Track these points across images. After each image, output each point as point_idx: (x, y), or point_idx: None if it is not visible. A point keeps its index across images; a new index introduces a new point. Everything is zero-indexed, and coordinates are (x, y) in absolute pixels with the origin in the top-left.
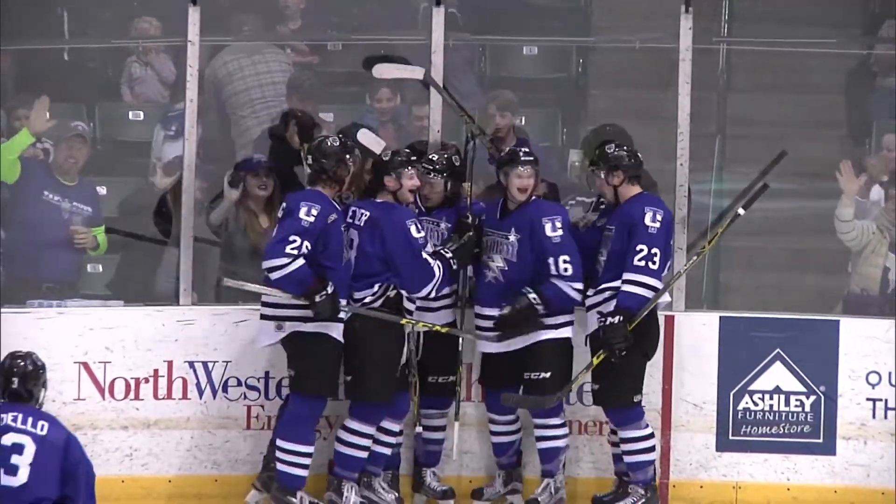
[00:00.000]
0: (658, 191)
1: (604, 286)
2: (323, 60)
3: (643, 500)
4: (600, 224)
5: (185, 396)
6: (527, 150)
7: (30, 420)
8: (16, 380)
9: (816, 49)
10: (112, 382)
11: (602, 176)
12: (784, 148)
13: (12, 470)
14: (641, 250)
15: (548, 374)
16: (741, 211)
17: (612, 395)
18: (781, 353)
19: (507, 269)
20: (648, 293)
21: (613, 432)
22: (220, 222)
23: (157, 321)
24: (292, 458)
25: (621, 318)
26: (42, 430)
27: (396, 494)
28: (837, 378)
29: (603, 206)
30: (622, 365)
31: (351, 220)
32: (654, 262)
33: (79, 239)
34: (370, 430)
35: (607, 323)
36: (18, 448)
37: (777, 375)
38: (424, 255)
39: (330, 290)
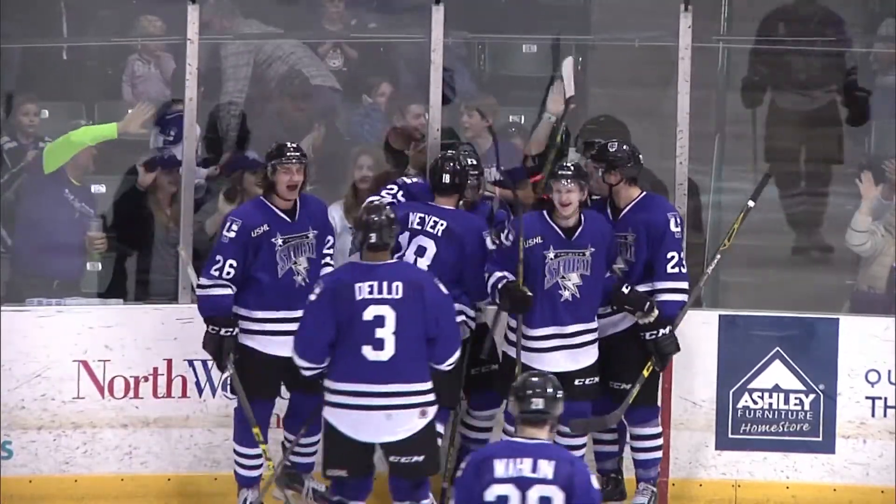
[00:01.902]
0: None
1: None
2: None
3: (654, 497)
4: None
5: (184, 395)
6: (569, 165)
7: (384, 286)
8: (373, 235)
9: (815, 48)
10: (111, 381)
11: (600, 173)
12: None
13: (379, 344)
14: (672, 257)
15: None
16: (751, 203)
17: (640, 394)
18: (781, 351)
19: (582, 284)
20: (685, 297)
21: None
22: (214, 232)
23: (157, 319)
24: (239, 459)
25: (670, 329)
26: (397, 292)
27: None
28: (837, 376)
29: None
30: None
31: (419, 227)
32: (683, 267)
33: (97, 245)
34: None
35: (659, 335)
36: (380, 320)
37: (776, 374)
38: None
39: (222, 332)
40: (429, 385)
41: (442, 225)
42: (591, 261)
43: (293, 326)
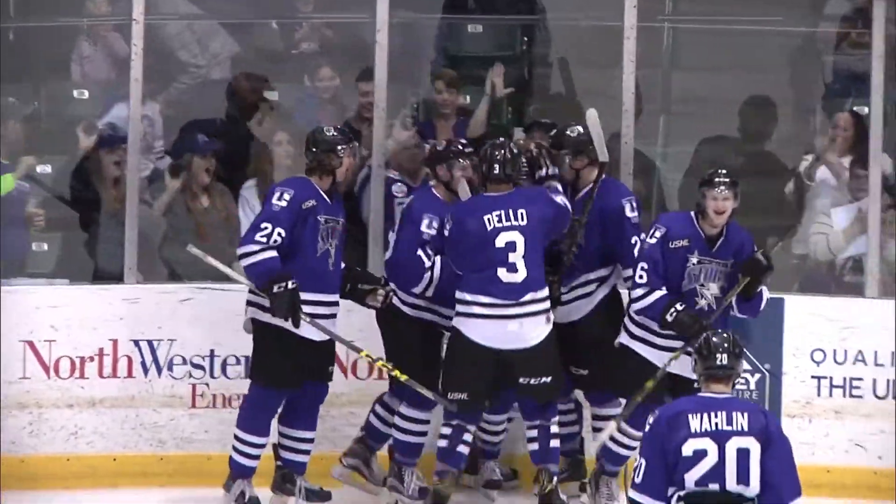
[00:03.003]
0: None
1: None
2: (267, 38)
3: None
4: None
5: (130, 375)
6: (724, 171)
7: (510, 213)
8: (496, 166)
9: (761, 27)
10: (57, 361)
11: (567, 160)
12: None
13: (512, 267)
14: (636, 243)
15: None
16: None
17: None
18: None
19: (721, 295)
20: None
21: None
22: (163, 211)
23: (103, 300)
24: (242, 448)
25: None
26: (522, 219)
27: (422, 485)
28: (782, 356)
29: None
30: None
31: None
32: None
33: (36, 221)
34: (426, 415)
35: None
36: (511, 245)
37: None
38: None
39: (290, 285)
40: (547, 291)
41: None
42: (731, 272)
43: (323, 310)
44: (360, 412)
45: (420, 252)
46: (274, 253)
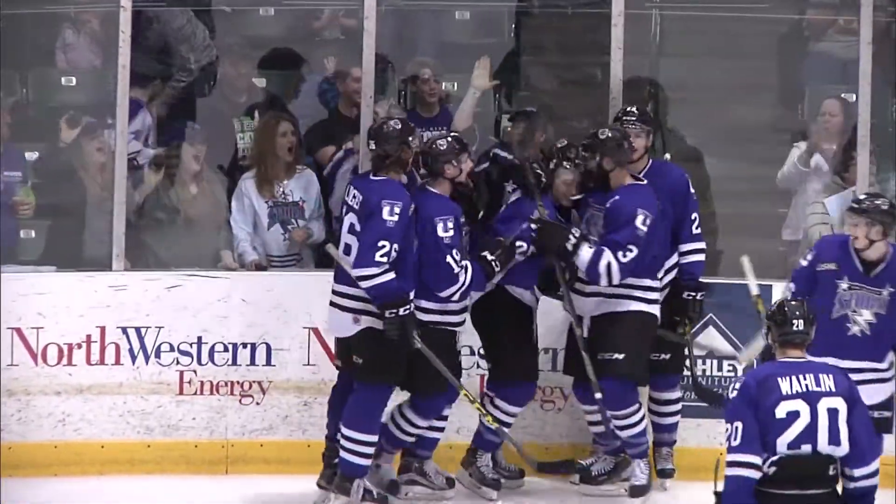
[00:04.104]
0: None
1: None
2: (254, 26)
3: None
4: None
5: (117, 362)
6: (860, 198)
7: None
8: None
9: (749, 14)
10: (45, 348)
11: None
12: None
13: None
14: (695, 218)
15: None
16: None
17: (670, 361)
18: (714, 317)
19: (876, 322)
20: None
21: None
22: (142, 201)
23: (90, 287)
24: (356, 447)
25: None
26: None
27: (448, 475)
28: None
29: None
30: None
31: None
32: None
33: (22, 209)
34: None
35: (696, 297)
36: None
37: (710, 340)
38: None
39: (403, 311)
40: None
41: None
42: (889, 301)
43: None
44: None
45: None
46: (392, 274)
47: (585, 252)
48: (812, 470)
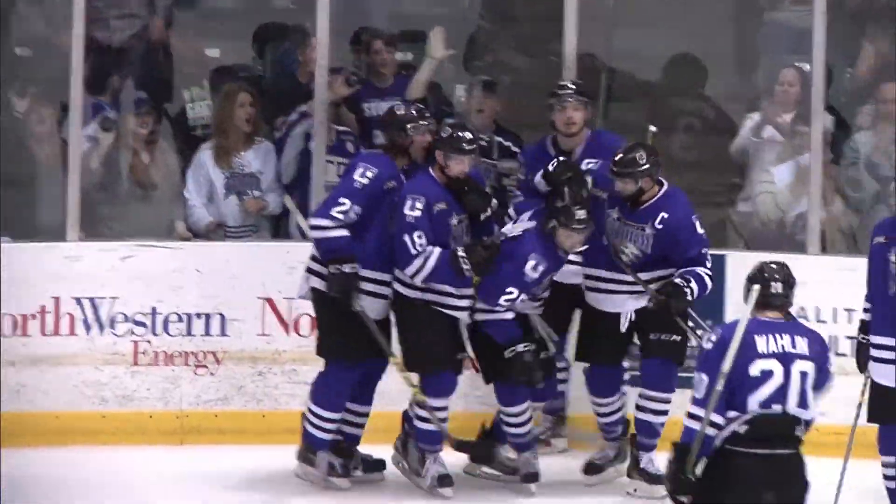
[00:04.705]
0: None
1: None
2: None
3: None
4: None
5: (72, 332)
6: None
7: None
8: None
9: None
10: None
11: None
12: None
13: None
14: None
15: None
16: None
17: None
18: None
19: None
20: None
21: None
22: (97, 166)
23: (44, 257)
24: (317, 422)
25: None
26: None
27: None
28: (724, 313)
29: None
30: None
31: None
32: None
33: None
34: (441, 402)
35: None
36: None
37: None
38: None
39: (347, 269)
40: None
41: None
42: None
43: (383, 290)
44: (302, 369)
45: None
46: (345, 231)
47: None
48: (781, 430)
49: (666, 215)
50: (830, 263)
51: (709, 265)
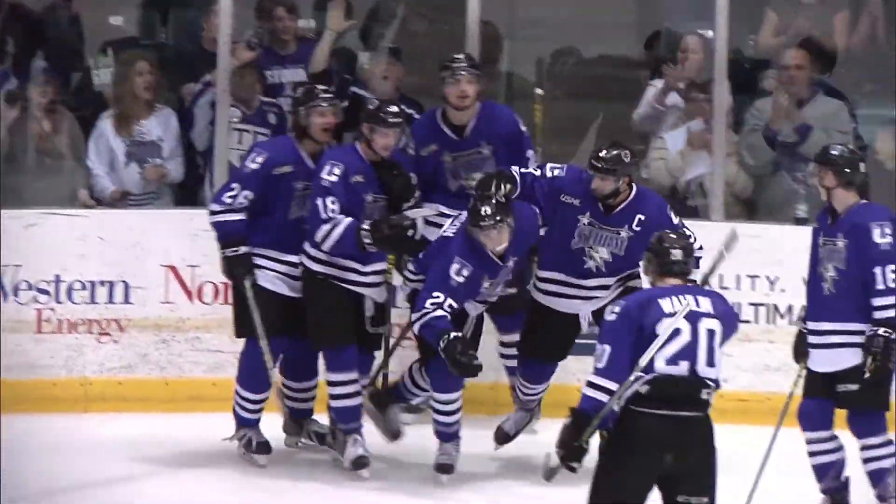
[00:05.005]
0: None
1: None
2: None
3: None
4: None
5: None
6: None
7: None
8: None
9: None
10: None
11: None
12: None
13: None
14: (530, 157)
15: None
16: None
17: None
18: None
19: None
20: None
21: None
22: (4, 135)
23: None
24: (240, 401)
25: None
26: None
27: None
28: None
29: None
30: None
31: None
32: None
33: None
34: (343, 376)
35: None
36: None
37: None
38: None
39: (235, 252)
40: None
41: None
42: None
43: (293, 271)
44: (205, 337)
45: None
46: (235, 216)
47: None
48: (685, 390)
49: (643, 217)
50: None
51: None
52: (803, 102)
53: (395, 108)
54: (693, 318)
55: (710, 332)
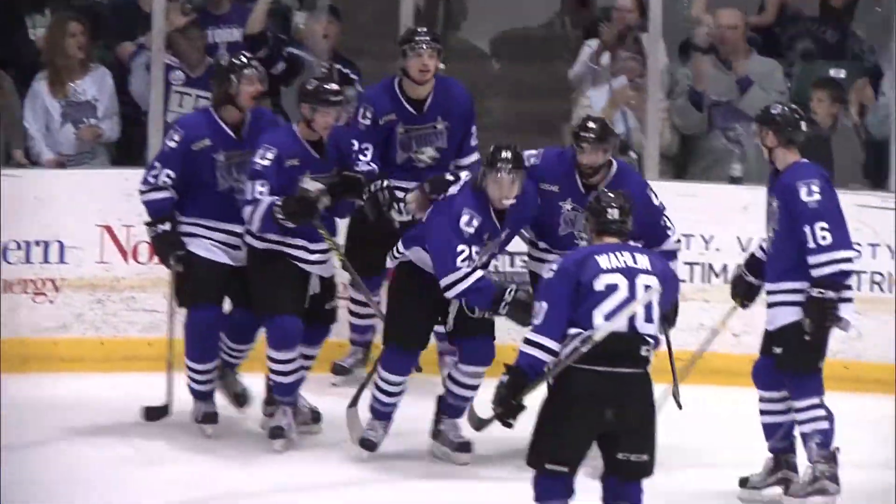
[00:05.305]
0: None
1: None
2: None
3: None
4: None
5: None
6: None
7: None
8: None
9: None
10: None
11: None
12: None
13: None
14: (474, 131)
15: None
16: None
17: None
18: None
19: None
20: None
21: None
22: None
23: None
24: (188, 372)
25: None
26: None
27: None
28: None
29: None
30: None
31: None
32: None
33: None
34: (282, 355)
35: None
36: None
37: None
38: None
39: (162, 228)
40: None
41: None
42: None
43: (232, 239)
44: (140, 297)
45: None
46: (160, 194)
47: None
48: (624, 347)
49: None
50: (668, 189)
51: (671, 232)
52: (737, 62)
53: (334, 86)
54: (630, 273)
55: (648, 289)
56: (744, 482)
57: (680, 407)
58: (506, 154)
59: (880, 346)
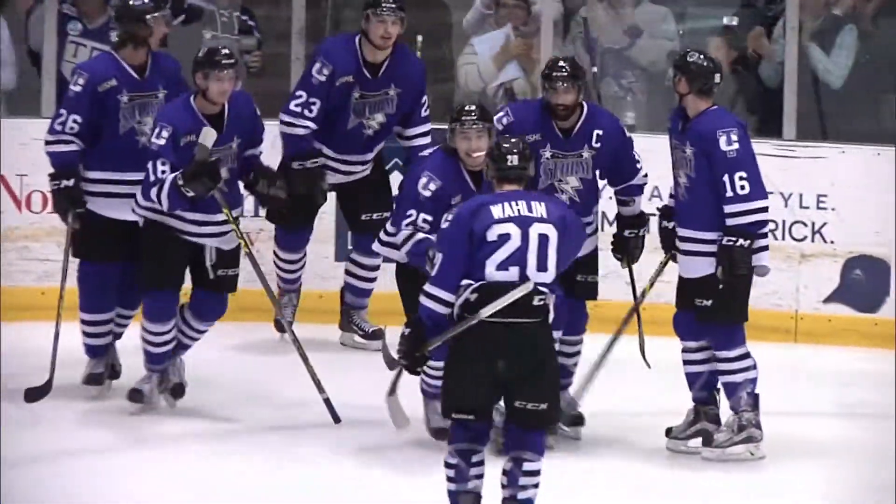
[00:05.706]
0: None
1: None
2: None
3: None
4: None
5: None
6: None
7: None
8: None
9: None
10: None
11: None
12: None
13: None
14: (425, 102)
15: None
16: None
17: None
18: None
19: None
20: None
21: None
22: None
23: None
24: (80, 325)
25: None
26: None
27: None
28: None
29: None
30: None
31: None
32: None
33: None
34: (155, 328)
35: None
36: None
37: None
38: None
39: (65, 183)
40: None
41: None
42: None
43: (132, 189)
44: (34, 246)
45: None
46: (66, 147)
47: None
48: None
49: (600, 132)
50: None
51: (639, 166)
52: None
53: (226, 51)
54: (523, 223)
55: (543, 238)
56: (668, 432)
57: (649, 366)
58: (470, 107)
59: (776, 294)
